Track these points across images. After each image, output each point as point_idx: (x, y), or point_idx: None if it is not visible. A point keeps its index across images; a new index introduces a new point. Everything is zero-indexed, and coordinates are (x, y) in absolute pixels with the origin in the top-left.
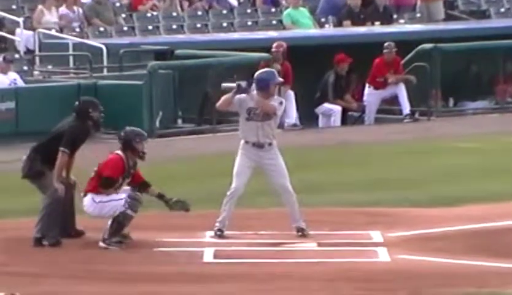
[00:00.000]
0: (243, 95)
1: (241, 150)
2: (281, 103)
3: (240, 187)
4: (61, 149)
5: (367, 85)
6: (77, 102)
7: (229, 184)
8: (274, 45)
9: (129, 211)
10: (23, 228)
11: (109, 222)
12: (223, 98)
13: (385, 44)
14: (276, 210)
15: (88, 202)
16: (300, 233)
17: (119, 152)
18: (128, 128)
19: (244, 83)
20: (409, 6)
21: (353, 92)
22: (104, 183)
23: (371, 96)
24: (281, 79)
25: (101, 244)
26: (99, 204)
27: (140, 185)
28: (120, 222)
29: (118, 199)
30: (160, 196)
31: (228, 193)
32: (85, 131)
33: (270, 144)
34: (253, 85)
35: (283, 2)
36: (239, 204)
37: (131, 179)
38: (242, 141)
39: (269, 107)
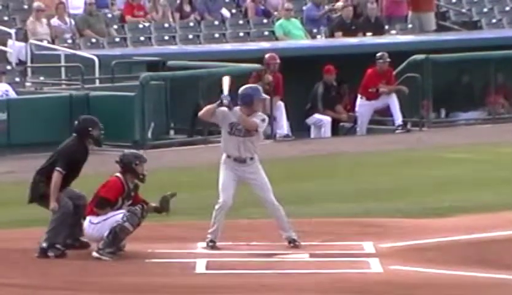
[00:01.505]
0: (232, 111)
1: (223, 164)
2: (263, 120)
3: (229, 200)
4: (56, 168)
5: (359, 96)
6: (76, 122)
7: (218, 198)
8: (267, 56)
9: (126, 224)
10: (16, 239)
11: (105, 233)
12: (206, 108)
13: (378, 54)
14: (268, 221)
15: (87, 225)
16: (292, 244)
17: (118, 174)
18: (126, 151)
19: (226, 100)
20: (400, 17)
21: (345, 103)
22: (99, 203)
23: (363, 106)
24: (266, 96)
25: (94, 254)
26: (97, 225)
27: (139, 205)
28: (116, 233)
29: (117, 214)
30: (156, 209)
31: (217, 207)
32: (80, 150)
33: (251, 159)
34: (238, 101)
35: (275, 13)
36: (231, 215)
37: (131, 201)
38: (224, 155)
39: (250, 124)
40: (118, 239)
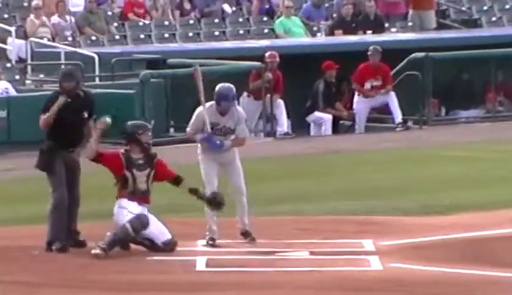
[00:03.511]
0: (207, 112)
1: (202, 154)
2: (246, 120)
3: (214, 188)
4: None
5: (356, 94)
6: None
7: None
8: (267, 54)
9: (128, 225)
10: (16, 236)
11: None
12: (193, 139)
13: (370, 47)
14: (268, 219)
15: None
16: (248, 238)
17: (124, 148)
18: (129, 122)
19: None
20: (398, 15)
21: (345, 101)
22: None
23: (360, 104)
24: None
25: (93, 251)
26: (118, 210)
27: (173, 181)
28: (116, 234)
29: (130, 212)
30: (192, 191)
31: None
32: (53, 96)
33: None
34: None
35: (279, 13)
36: (231, 213)
37: (155, 173)
38: (201, 146)
39: (243, 143)
40: (117, 239)
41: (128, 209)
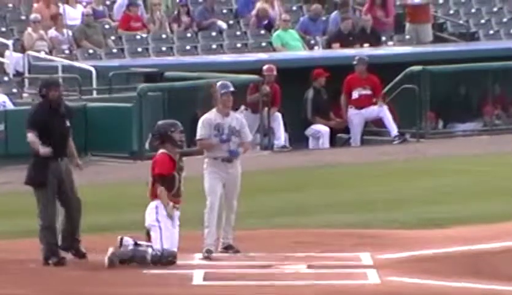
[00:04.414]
0: (210, 116)
1: (210, 168)
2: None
3: (216, 200)
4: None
5: (349, 106)
6: None
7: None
8: (265, 67)
9: (148, 258)
10: (13, 249)
11: (131, 246)
12: (210, 143)
13: (356, 57)
14: (266, 231)
15: (152, 205)
16: (231, 251)
17: (161, 150)
18: (159, 122)
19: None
20: (386, 31)
21: (340, 112)
22: (157, 181)
23: (353, 116)
24: (232, 88)
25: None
26: (153, 220)
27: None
28: (135, 256)
29: (163, 236)
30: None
31: (206, 210)
32: (44, 111)
33: (236, 158)
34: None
35: (276, 27)
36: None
37: None
38: (209, 159)
39: (249, 147)
40: (134, 259)
41: (161, 229)
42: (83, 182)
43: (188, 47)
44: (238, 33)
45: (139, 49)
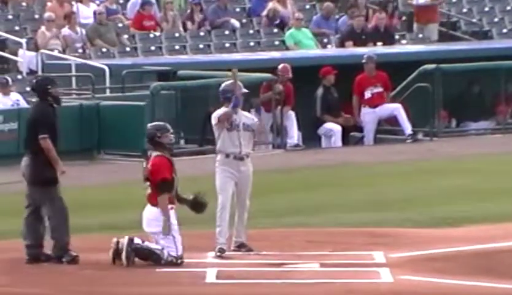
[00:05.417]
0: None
1: (221, 166)
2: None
3: (228, 198)
4: (40, 136)
5: (362, 105)
6: (33, 80)
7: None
8: (280, 67)
9: (164, 259)
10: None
11: (152, 246)
12: (224, 112)
13: (364, 56)
14: (278, 231)
15: (156, 211)
16: (243, 250)
17: (156, 153)
18: (148, 125)
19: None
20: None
21: (352, 110)
22: (161, 187)
23: (366, 115)
24: (244, 90)
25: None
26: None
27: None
28: (152, 255)
29: (177, 242)
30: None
31: (218, 209)
32: (49, 110)
33: (248, 156)
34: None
35: (289, 25)
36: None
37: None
38: (221, 156)
39: (263, 129)
40: (149, 259)
41: (174, 237)
42: (99, 181)
43: (201, 46)
44: (251, 32)
45: (152, 47)
